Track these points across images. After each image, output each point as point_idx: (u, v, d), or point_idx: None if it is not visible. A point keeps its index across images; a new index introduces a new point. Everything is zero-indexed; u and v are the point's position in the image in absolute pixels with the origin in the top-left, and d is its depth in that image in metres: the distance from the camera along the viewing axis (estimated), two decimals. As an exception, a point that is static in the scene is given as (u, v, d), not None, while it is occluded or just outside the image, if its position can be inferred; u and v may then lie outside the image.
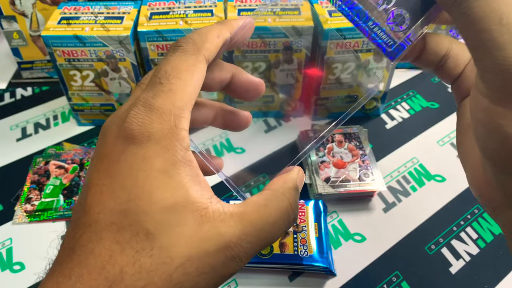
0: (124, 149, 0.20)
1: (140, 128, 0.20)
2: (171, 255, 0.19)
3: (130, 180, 0.20)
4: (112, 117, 0.22)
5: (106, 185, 0.20)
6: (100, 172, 0.20)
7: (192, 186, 0.20)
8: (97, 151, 0.22)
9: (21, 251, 0.43)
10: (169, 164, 0.20)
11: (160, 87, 0.21)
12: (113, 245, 0.19)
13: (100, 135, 0.22)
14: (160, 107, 0.20)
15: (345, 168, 0.47)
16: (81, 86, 0.52)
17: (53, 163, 0.50)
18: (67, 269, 0.19)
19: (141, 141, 0.20)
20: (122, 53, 0.48)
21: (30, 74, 0.63)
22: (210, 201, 0.20)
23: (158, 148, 0.20)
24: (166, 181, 0.20)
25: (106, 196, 0.20)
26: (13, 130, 0.56)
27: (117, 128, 0.21)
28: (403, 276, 0.41)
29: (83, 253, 0.19)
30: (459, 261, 0.42)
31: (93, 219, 0.19)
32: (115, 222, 0.19)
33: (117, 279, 0.18)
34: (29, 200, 0.47)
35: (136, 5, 0.51)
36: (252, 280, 0.40)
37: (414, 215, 0.46)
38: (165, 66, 0.21)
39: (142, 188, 0.19)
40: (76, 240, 0.19)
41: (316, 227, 0.42)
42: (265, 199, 0.22)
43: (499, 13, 0.18)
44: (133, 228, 0.19)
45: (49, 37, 0.47)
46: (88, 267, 0.19)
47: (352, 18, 0.22)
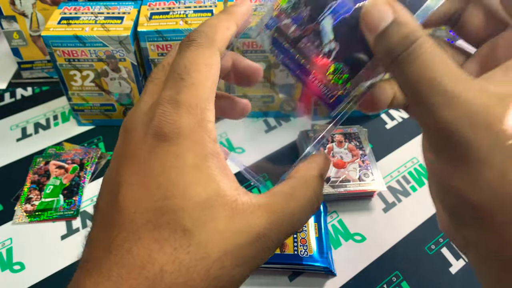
0: (154, 147, 0.20)
1: (170, 125, 0.20)
2: (207, 251, 0.19)
3: (164, 178, 0.20)
4: (134, 115, 0.22)
5: (138, 183, 0.20)
6: (130, 171, 0.20)
7: (222, 179, 0.20)
8: (121, 150, 0.22)
9: (21, 251, 0.43)
10: (200, 157, 0.20)
11: (182, 83, 0.21)
12: (152, 243, 0.19)
13: (122, 134, 0.22)
14: (186, 102, 0.20)
15: (345, 168, 0.47)
16: (81, 86, 0.52)
17: (53, 163, 0.50)
18: (105, 269, 0.19)
19: (172, 138, 0.20)
20: (122, 53, 0.48)
21: (30, 74, 0.63)
22: (238, 192, 0.20)
23: (189, 143, 0.20)
24: (197, 176, 0.20)
25: (141, 195, 0.20)
26: (13, 130, 0.56)
27: (144, 126, 0.21)
28: (403, 276, 0.41)
29: (119, 253, 0.19)
30: (459, 261, 0.42)
31: (128, 219, 0.19)
32: (152, 221, 0.19)
33: (157, 277, 0.18)
34: (29, 200, 0.47)
35: (136, 5, 0.51)
36: (252, 280, 0.40)
37: (414, 215, 0.46)
38: (183, 61, 0.21)
39: (177, 185, 0.19)
40: (112, 240, 0.19)
41: (316, 227, 0.42)
42: (291, 188, 0.22)
43: (431, 77, 0.18)
44: (171, 226, 0.19)
45: (49, 37, 0.47)
46: (127, 267, 0.19)
47: (294, 71, 0.23)
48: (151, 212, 0.19)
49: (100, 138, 0.55)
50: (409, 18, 0.20)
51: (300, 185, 0.22)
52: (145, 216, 0.19)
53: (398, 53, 0.19)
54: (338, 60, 0.22)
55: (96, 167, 0.51)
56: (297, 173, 0.23)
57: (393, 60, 0.20)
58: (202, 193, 0.19)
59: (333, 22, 0.22)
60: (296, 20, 0.22)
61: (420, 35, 0.19)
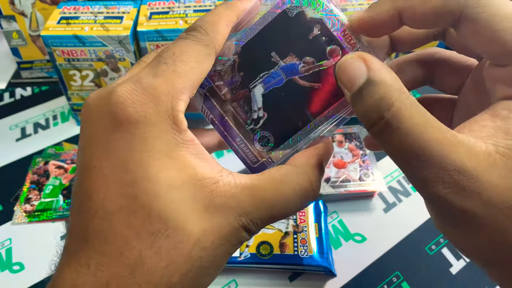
0: (119, 127, 0.19)
1: (135, 108, 0.19)
2: (186, 233, 0.18)
3: (132, 162, 0.19)
4: (99, 93, 0.21)
5: (105, 167, 0.19)
6: (95, 154, 0.19)
7: (199, 164, 0.20)
8: (85, 131, 0.21)
9: (20, 252, 0.43)
10: (170, 146, 0.19)
11: (164, 67, 0.20)
12: (126, 230, 0.18)
13: (84, 113, 0.21)
14: (159, 87, 0.19)
15: (346, 168, 0.47)
16: (80, 86, 0.52)
17: (53, 163, 0.50)
18: (84, 258, 0.18)
19: (137, 121, 0.19)
20: (121, 53, 0.48)
21: (30, 74, 0.63)
22: (221, 174, 0.20)
23: (156, 131, 0.19)
24: (170, 161, 0.19)
25: (109, 180, 0.19)
26: (13, 130, 0.56)
27: (106, 103, 0.20)
28: (403, 276, 0.40)
29: (96, 241, 0.18)
30: (460, 261, 0.42)
31: (98, 205, 0.19)
32: (123, 206, 0.18)
33: (138, 263, 0.18)
34: (29, 200, 0.47)
35: (136, 4, 0.51)
36: (252, 280, 0.40)
37: (415, 215, 0.46)
38: (174, 48, 0.21)
39: (148, 169, 0.19)
40: (85, 228, 0.19)
41: (316, 227, 0.42)
42: (282, 175, 0.21)
43: (416, 149, 0.18)
44: (144, 211, 0.18)
45: (49, 36, 0.47)
46: (106, 255, 0.18)
47: (222, 133, 0.23)
48: (122, 198, 0.19)
49: (99, 138, 0.55)
50: (386, 75, 0.19)
51: (295, 173, 0.21)
52: (116, 202, 0.19)
53: (374, 120, 0.18)
54: (265, 129, 0.23)
55: (95, 167, 0.51)
56: (295, 160, 0.23)
57: (370, 127, 0.19)
58: (177, 177, 0.19)
59: (264, 91, 0.23)
60: (229, 83, 0.23)
61: (397, 97, 0.18)
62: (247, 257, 0.40)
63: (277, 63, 0.22)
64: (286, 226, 0.42)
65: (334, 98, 0.22)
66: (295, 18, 0.22)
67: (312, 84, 0.22)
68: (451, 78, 0.25)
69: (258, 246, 0.40)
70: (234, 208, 0.19)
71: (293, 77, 0.22)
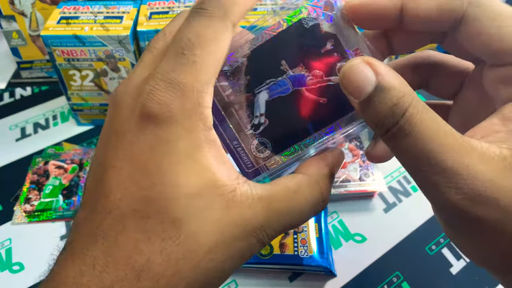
0: (143, 128, 0.18)
1: (160, 107, 0.18)
2: (198, 242, 0.18)
3: (152, 164, 0.18)
4: (125, 87, 0.20)
5: (125, 168, 0.19)
6: (117, 153, 0.19)
7: (218, 168, 0.19)
8: (110, 126, 0.20)
9: (20, 252, 0.43)
10: (193, 146, 0.19)
11: (182, 59, 0.19)
12: (138, 234, 0.18)
13: (111, 106, 0.20)
14: (182, 82, 0.18)
15: (346, 168, 0.47)
16: (80, 86, 0.52)
17: (53, 163, 0.50)
18: (90, 257, 0.18)
19: (162, 121, 0.18)
20: (121, 53, 0.48)
21: (30, 74, 0.63)
22: (238, 182, 0.19)
23: (181, 130, 0.18)
24: (191, 165, 0.18)
25: (127, 181, 0.18)
26: (13, 130, 0.56)
27: (133, 102, 0.19)
28: (403, 276, 0.40)
29: (106, 241, 0.18)
30: (460, 261, 0.42)
31: (114, 205, 0.18)
32: (138, 210, 0.18)
33: (145, 268, 0.18)
34: (29, 200, 0.46)
35: (136, 4, 0.51)
36: (252, 280, 0.40)
37: (415, 215, 0.45)
38: (189, 33, 0.19)
39: (167, 173, 0.18)
40: (97, 226, 0.18)
41: (316, 227, 0.42)
42: (296, 185, 0.21)
43: (427, 153, 0.17)
44: (159, 216, 0.18)
45: (49, 36, 0.47)
46: (113, 256, 0.18)
47: (219, 133, 0.23)
48: (138, 201, 0.18)
49: (99, 138, 0.55)
50: (396, 80, 0.18)
51: (307, 183, 0.21)
52: (131, 204, 0.18)
53: (389, 127, 0.18)
54: (264, 136, 0.23)
55: (95, 167, 0.51)
56: (307, 169, 0.22)
57: (383, 133, 0.18)
58: (196, 183, 0.18)
59: (268, 97, 0.22)
60: (233, 85, 0.23)
61: (410, 102, 0.18)
62: (247, 257, 0.39)
63: (285, 72, 0.22)
64: (286, 226, 0.41)
65: (338, 114, 0.22)
66: (310, 30, 0.22)
67: (317, 98, 0.22)
68: (447, 82, 0.24)
69: (258, 246, 0.40)
70: (249, 220, 0.19)
71: (300, 88, 0.22)
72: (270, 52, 0.22)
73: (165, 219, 0.18)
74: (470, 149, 0.17)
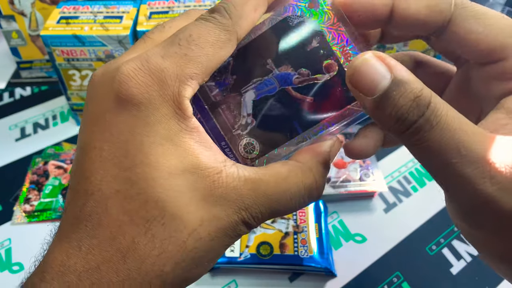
0: (121, 108, 0.18)
1: (139, 88, 0.18)
2: (183, 222, 0.18)
3: (133, 146, 0.18)
4: (105, 69, 0.20)
5: (105, 149, 0.18)
6: (96, 134, 0.19)
7: (203, 152, 0.19)
8: (88, 108, 0.20)
9: (20, 252, 0.43)
10: (172, 132, 0.19)
11: (176, 49, 0.19)
12: (121, 215, 0.18)
13: (89, 89, 0.20)
14: (166, 69, 0.18)
15: (346, 168, 0.47)
16: (80, 85, 0.52)
17: (52, 163, 0.50)
18: (75, 240, 0.18)
19: (140, 103, 0.18)
20: (121, 53, 0.48)
21: (29, 74, 0.63)
22: (224, 164, 0.19)
23: (159, 115, 0.18)
24: (172, 148, 0.18)
25: (108, 162, 0.18)
26: (12, 130, 0.56)
27: (111, 81, 0.19)
28: (404, 276, 0.40)
29: (89, 223, 0.18)
30: (460, 261, 0.42)
31: (95, 187, 0.18)
32: (120, 191, 0.18)
33: (130, 249, 0.18)
34: (28, 200, 0.46)
35: (136, 4, 0.51)
36: (252, 280, 0.40)
37: (415, 215, 0.45)
38: (192, 30, 0.19)
39: (148, 154, 0.18)
40: (80, 209, 0.18)
41: (316, 227, 0.42)
42: (287, 171, 0.20)
43: (456, 144, 0.17)
44: (141, 197, 0.18)
45: (48, 36, 0.47)
46: (98, 238, 0.18)
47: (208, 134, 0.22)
48: (120, 182, 0.18)
49: (99, 138, 0.54)
50: (410, 75, 0.17)
51: (301, 171, 0.21)
52: (113, 186, 0.18)
53: (414, 120, 0.17)
54: (252, 136, 0.22)
55: (95, 167, 0.51)
56: (301, 156, 0.22)
57: (406, 128, 0.17)
58: (178, 164, 0.18)
59: (255, 97, 0.22)
60: (220, 85, 0.22)
61: (431, 95, 0.17)
62: (247, 257, 0.39)
63: (271, 71, 0.22)
64: (286, 226, 0.41)
65: (325, 113, 0.22)
66: (295, 28, 0.22)
67: (304, 97, 0.22)
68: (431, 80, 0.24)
69: (258, 246, 0.40)
70: (234, 201, 0.19)
71: (286, 87, 0.22)
72: (256, 51, 0.22)
73: (148, 200, 0.18)
74: (496, 140, 0.17)
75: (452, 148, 0.17)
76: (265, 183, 0.20)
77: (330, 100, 0.21)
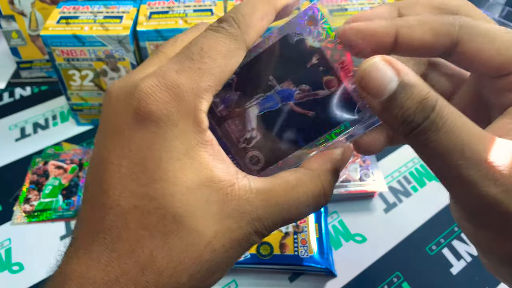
0: (140, 124, 0.19)
1: (157, 105, 0.19)
2: (199, 235, 0.19)
3: (151, 161, 0.19)
4: (123, 83, 0.20)
5: (124, 166, 0.19)
6: (115, 150, 0.19)
7: (216, 165, 0.20)
8: (106, 123, 0.20)
9: (20, 252, 0.43)
10: (189, 146, 0.19)
11: (189, 63, 0.19)
12: (139, 229, 0.19)
13: (106, 101, 0.21)
14: (183, 84, 0.19)
15: (346, 168, 0.47)
16: (80, 85, 0.52)
17: (52, 163, 0.50)
18: (95, 252, 0.19)
19: (159, 119, 0.19)
20: (121, 53, 0.48)
21: (29, 74, 0.63)
22: (236, 177, 0.20)
23: (177, 130, 0.19)
24: (188, 162, 0.19)
25: (126, 178, 0.19)
26: (12, 130, 0.56)
27: (129, 97, 0.19)
28: (404, 277, 0.40)
29: (108, 237, 0.19)
30: (460, 261, 0.42)
31: (114, 202, 0.19)
32: (139, 206, 0.19)
33: (149, 262, 0.18)
34: (28, 201, 0.46)
35: (136, 4, 0.51)
36: (252, 280, 0.40)
37: (415, 215, 0.45)
38: (203, 42, 0.20)
39: (165, 170, 0.19)
40: (99, 222, 0.19)
41: (316, 227, 0.42)
42: (296, 179, 0.21)
43: (460, 146, 0.17)
44: (159, 212, 0.19)
45: (48, 36, 0.47)
46: (117, 251, 0.19)
47: None
48: (138, 197, 0.19)
49: (99, 138, 0.54)
50: (414, 76, 0.18)
51: (309, 178, 0.21)
52: (131, 201, 0.19)
53: (419, 122, 0.17)
54: (256, 149, 0.23)
55: (95, 167, 0.51)
56: (310, 164, 0.22)
57: (412, 130, 0.18)
58: (194, 179, 0.19)
59: (258, 112, 0.23)
60: (225, 100, 0.23)
61: (437, 96, 0.17)
62: (247, 257, 0.39)
63: (273, 87, 0.23)
64: (286, 226, 0.41)
65: (326, 127, 0.22)
66: (295, 45, 0.22)
67: (305, 112, 0.22)
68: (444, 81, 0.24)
69: (258, 246, 0.40)
70: (247, 213, 0.19)
71: (288, 103, 0.23)
72: (258, 68, 0.23)
73: (166, 215, 0.19)
74: (500, 142, 0.17)
75: (456, 150, 0.17)
76: (276, 193, 0.20)
77: (330, 115, 0.22)
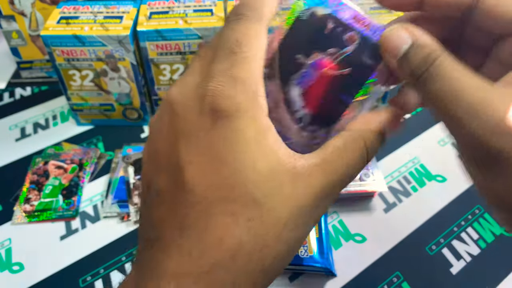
0: (213, 124, 0.20)
1: (228, 101, 0.20)
2: (277, 217, 0.20)
3: (229, 155, 0.20)
4: (181, 90, 0.22)
5: (203, 162, 0.20)
6: (190, 150, 0.21)
7: (279, 149, 0.21)
8: (172, 127, 0.21)
9: (20, 252, 0.43)
10: (258, 133, 0.20)
11: (235, 56, 0.21)
12: (227, 217, 0.20)
13: (168, 109, 0.22)
14: (240, 76, 0.20)
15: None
16: (80, 85, 0.52)
17: (52, 163, 0.50)
18: (185, 247, 0.20)
19: (231, 114, 0.20)
20: (121, 53, 0.48)
21: (29, 74, 0.63)
22: (294, 158, 0.21)
23: (247, 119, 0.20)
24: (260, 149, 0.20)
25: (208, 173, 0.20)
26: (12, 130, 0.56)
27: (198, 102, 0.21)
28: (403, 276, 0.40)
29: (195, 231, 0.20)
30: (460, 261, 0.42)
31: (201, 196, 0.20)
32: (225, 197, 0.20)
33: (238, 247, 0.20)
34: (28, 200, 0.46)
35: (136, 4, 0.51)
36: (252, 280, 0.40)
37: (415, 215, 0.45)
38: (235, 34, 0.21)
39: (242, 160, 0.20)
40: (182, 220, 0.20)
41: (316, 227, 0.42)
42: (343, 142, 0.22)
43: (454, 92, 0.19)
44: (242, 199, 0.20)
45: (48, 36, 0.47)
46: (206, 243, 0.20)
47: None
48: (223, 188, 0.20)
49: (99, 138, 0.55)
50: (428, 40, 0.21)
51: (352, 139, 0.23)
52: (217, 193, 0.20)
53: (421, 73, 0.20)
54: (311, 124, 0.24)
55: (95, 167, 0.51)
56: (352, 125, 0.23)
57: (417, 79, 0.21)
58: (266, 165, 0.20)
59: (300, 91, 0.24)
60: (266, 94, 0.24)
61: (440, 54, 0.20)
62: (247, 257, 0.39)
63: (304, 64, 0.24)
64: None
65: (365, 76, 0.24)
66: (309, 20, 0.24)
67: (342, 72, 0.24)
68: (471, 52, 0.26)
69: (258, 246, 0.40)
70: (314, 187, 0.21)
71: (323, 70, 0.24)
72: (284, 54, 0.24)
73: (248, 201, 0.20)
74: (491, 89, 0.19)
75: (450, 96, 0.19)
76: (331, 161, 0.22)
77: (365, 65, 0.23)
